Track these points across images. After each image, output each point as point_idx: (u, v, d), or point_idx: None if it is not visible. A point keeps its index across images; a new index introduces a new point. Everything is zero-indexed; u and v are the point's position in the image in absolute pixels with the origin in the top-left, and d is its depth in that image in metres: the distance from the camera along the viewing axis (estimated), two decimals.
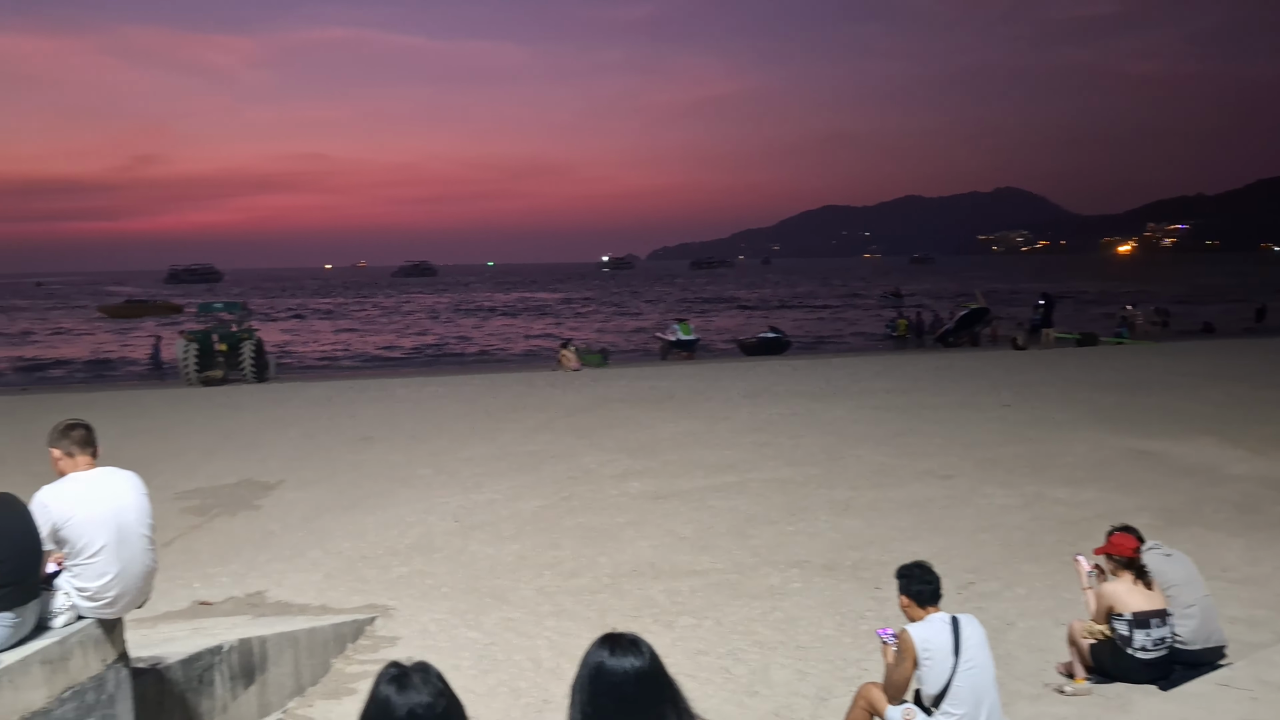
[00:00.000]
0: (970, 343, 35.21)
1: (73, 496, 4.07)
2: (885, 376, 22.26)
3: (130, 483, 4.30)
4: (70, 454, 4.22)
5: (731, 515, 10.42)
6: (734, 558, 9.04)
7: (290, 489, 12.31)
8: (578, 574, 8.70)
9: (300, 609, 7.90)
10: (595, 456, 13.54)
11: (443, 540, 9.84)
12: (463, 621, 7.58)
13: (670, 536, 9.75)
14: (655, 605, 7.84)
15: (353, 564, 9.18)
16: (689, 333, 34.22)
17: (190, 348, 28.25)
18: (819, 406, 17.40)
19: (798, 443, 14.14)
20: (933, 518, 10.13)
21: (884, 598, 7.73)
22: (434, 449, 14.48)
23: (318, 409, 19.22)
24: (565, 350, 27.52)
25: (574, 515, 10.61)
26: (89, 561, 4.04)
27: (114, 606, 4.13)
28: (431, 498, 11.55)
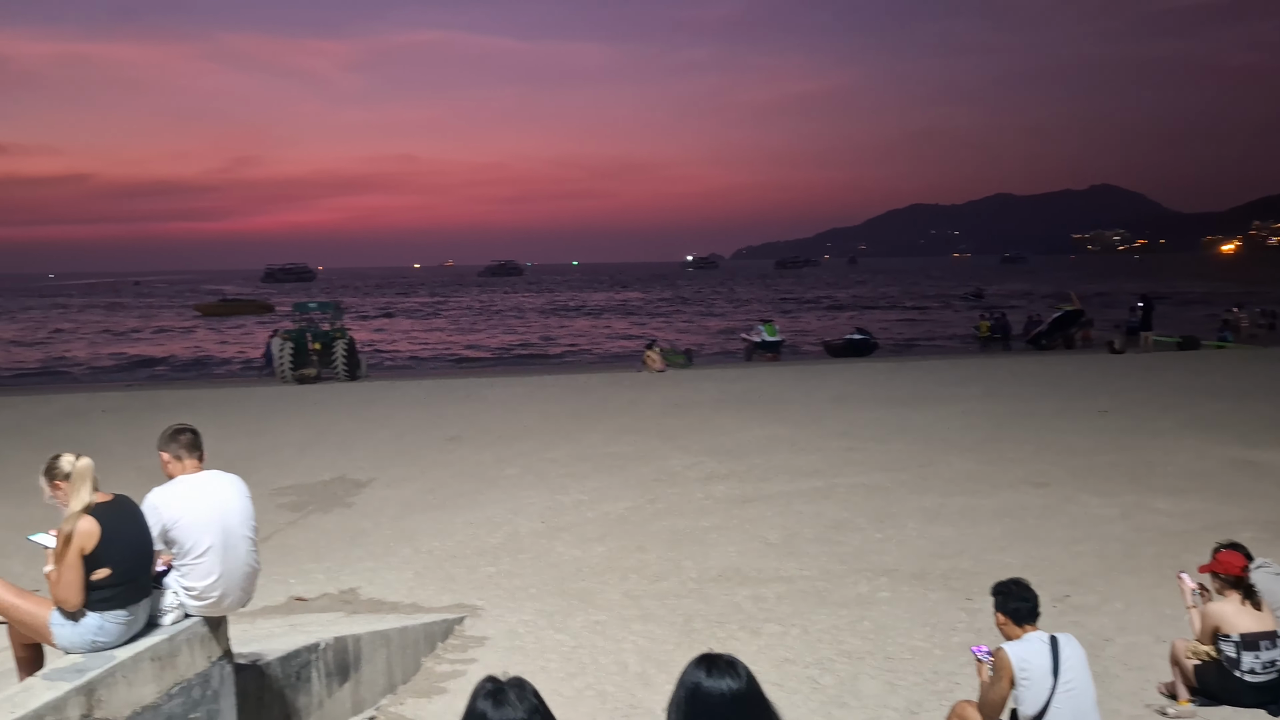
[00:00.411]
0: (1064, 346, 34.33)
1: (182, 499, 4.21)
2: (975, 381, 21.84)
3: (235, 486, 4.44)
4: (179, 457, 4.37)
5: (818, 521, 10.33)
6: (821, 564, 8.95)
7: (381, 487, 12.56)
8: (663, 578, 8.71)
9: (392, 607, 8.04)
10: (681, 459, 13.53)
11: (529, 541, 9.94)
12: (550, 623, 7.64)
13: (756, 541, 9.69)
14: (741, 611, 7.80)
15: (441, 563, 9.33)
16: (774, 334, 34.01)
17: (285, 346, 29.02)
18: (907, 411, 17.14)
19: (886, 448, 13.95)
20: (1026, 527, 9.90)
21: (976, 609, 7.58)
22: (521, 449, 14.63)
23: (408, 408, 19.58)
24: (650, 351, 27.58)
25: (660, 518, 10.62)
26: (196, 562, 4.19)
27: (219, 606, 4.27)
28: (518, 498, 11.67)
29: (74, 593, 3.79)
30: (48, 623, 3.85)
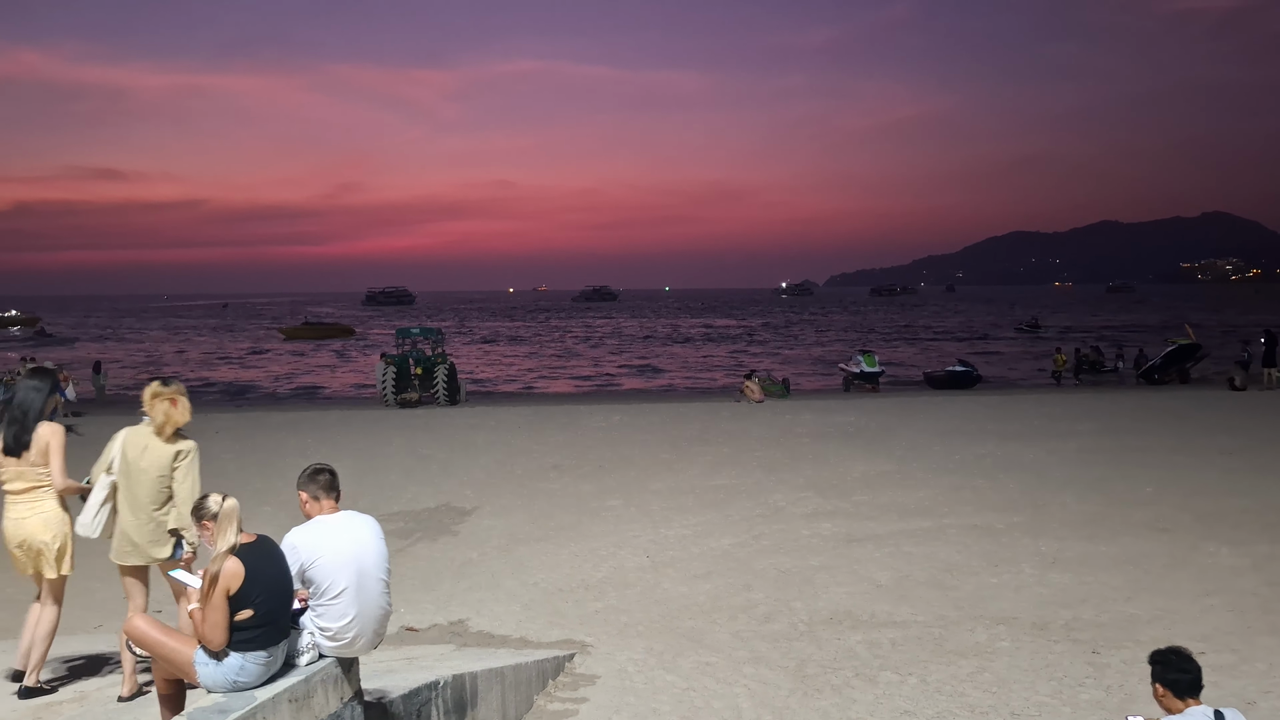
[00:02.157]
0: (1179, 381, 33.06)
1: (320, 539, 4.26)
2: (1087, 416, 21.14)
3: (370, 527, 4.48)
4: (316, 497, 4.43)
5: (929, 563, 10.05)
6: (935, 610, 8.69)
7: (485, 515, 12.65)
8: (773, 619, 8.56)
9: (501, 640, 8.06)
10: (784, 494, 13.35)
11: (635, 576, 9.88)
12: (659, 663, 7.55)
13: (866, 583, 9.47)
14: (855, 657, 7.60)
15: (549, 596, 9.32)
16: (873, 365, 33.46)
17: (388, 370, 29.62)
18: (1016, 447, 16.66)
19: (996, 486, 13.56)
20: (1151, 576, 9.47)
21: (1104, 664, 7.27)
22: (622, 480, 14.62)
23: (509, 434, 19.76)
24: (749, 381, 27.38)
25: (766, 555, 10.47)
26: (332, 602, 4.23)
27: (353, 647, 4.31)
28: (622, 531, 11.64)
29: (219, 633, 3.86)
30: (192, 661, 3.93)
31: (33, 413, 5.46)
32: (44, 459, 5.41)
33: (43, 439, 5.41)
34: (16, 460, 5.40)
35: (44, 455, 5.41)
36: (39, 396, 5.50)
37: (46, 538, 5.41)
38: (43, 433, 5.42)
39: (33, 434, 5.41)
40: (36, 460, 5.40)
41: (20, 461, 5.39)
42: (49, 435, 5.42)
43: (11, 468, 5.41)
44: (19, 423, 5.42)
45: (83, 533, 5.47)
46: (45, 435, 5.41)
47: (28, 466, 5.39)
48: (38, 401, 5.49)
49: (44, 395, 5.52)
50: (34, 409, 5.47)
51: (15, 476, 5.41)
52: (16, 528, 5.43)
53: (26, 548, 5.44)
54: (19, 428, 5.41)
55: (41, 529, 5.39)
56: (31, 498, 5.41)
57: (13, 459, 5.40)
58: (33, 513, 5.39)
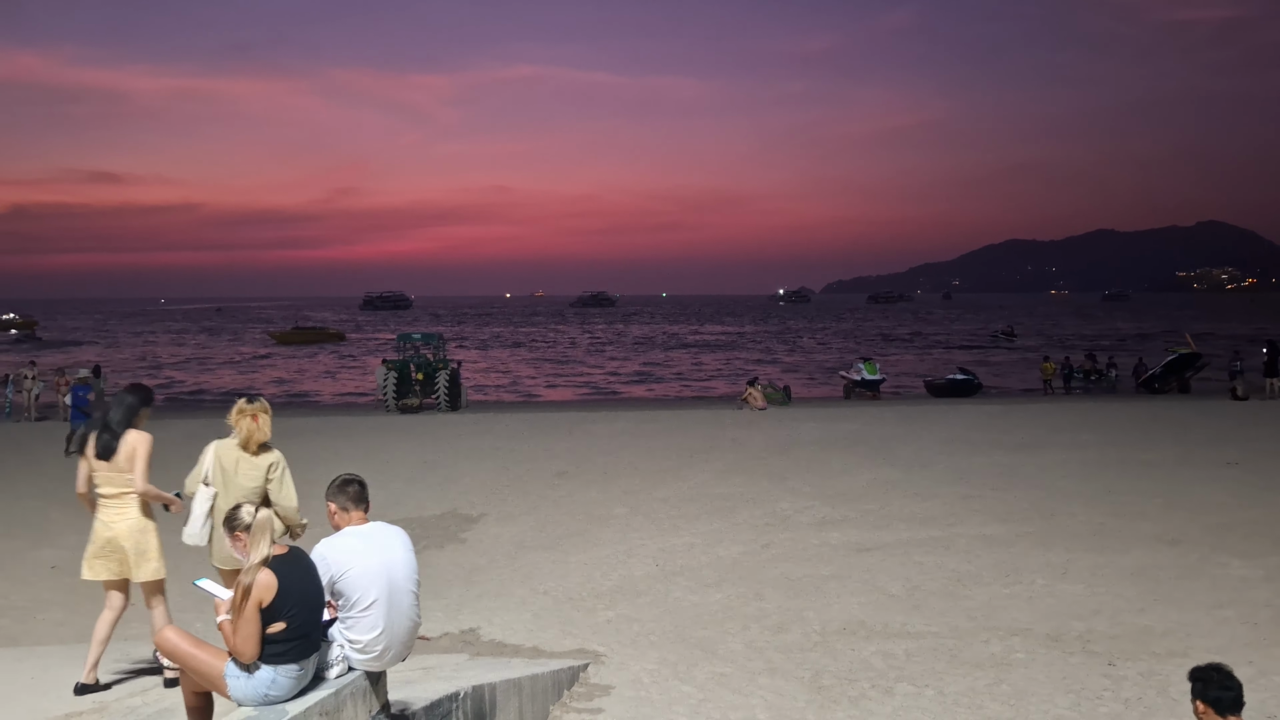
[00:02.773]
0: (1179, 390, 33.08)
1: (349, 550, 4.22)
2: (1090, 427, 21.11)
3: (400, 538, 4.45)
4: (345, 509, 4.39)
5: (940, 573, 10.02)
6: (948, 620, 8.66)
7: (492, 523, 12.61)
8: (785, 629, 8.52)
9: (514, 650, 8.02)
10: (791, 502, 13.32)
11: (645, 584, 9.84)
12: (673, 673, 7.51)
13: (878, 593, 9.44)
14: (871, 669, 7.56)
15: (559, 604, 9.28)
16: (874, 372, 33.44)
17: (389, 375, 29.55)
18: (1022, 458, 16.63)
19: (1004, 496, 13.53)
20: (1163, 588, 9.44)
21: (1120, 676, 7.24)
22: (628, 487, 14.57)
23: (512, 441, 19.71)
24: (752, 388, 27.33)
25: (775, 564, 10.43)
26: (362, 615, 4.19)
27: (381, 660, 4.27)
28: (630, 539, 11.60)
29: (251, 645, 3.81)
30: (222, 674, 3.88)
31: (123, 421, 5.78)
32: (131, 465, 5.71)
33: (130, 445, 5.71)
34: (106, 464, 5.72)
35: (131, 461, 5.70)
36: (131, 407, 5.84)
37: (130, 542, 5.67)
38: (130, 439, 5.73)
39: (121, 440, 5.72)
40: (124, 466, 5.70)
41: (110, 466, 5.71)
42: (136, 442, 5.73)
43: (103, 472, 5.73)
44: (110, 430, 5.75)
45: (190, 541, 5.83)
46: (133, 442, 5.73)
47: (116, 472, 5.70)
48: (129, 411, 5.82)
49: (136, 407, 5.85)
50: (124, 417, 5.79)
51: (105, 481, 5.73)
52: (105, 530, 5.74)
53: (112, 550, 5.73)
54: (110, 435, 5.73)
55: (126, 533, 5.67)
56: (120, 503, 5.70)
57: (103, 463, 5.72)
58: (120, 518, 5.67)
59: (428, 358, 31.15)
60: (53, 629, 8.87)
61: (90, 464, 5.75)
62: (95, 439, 5.74)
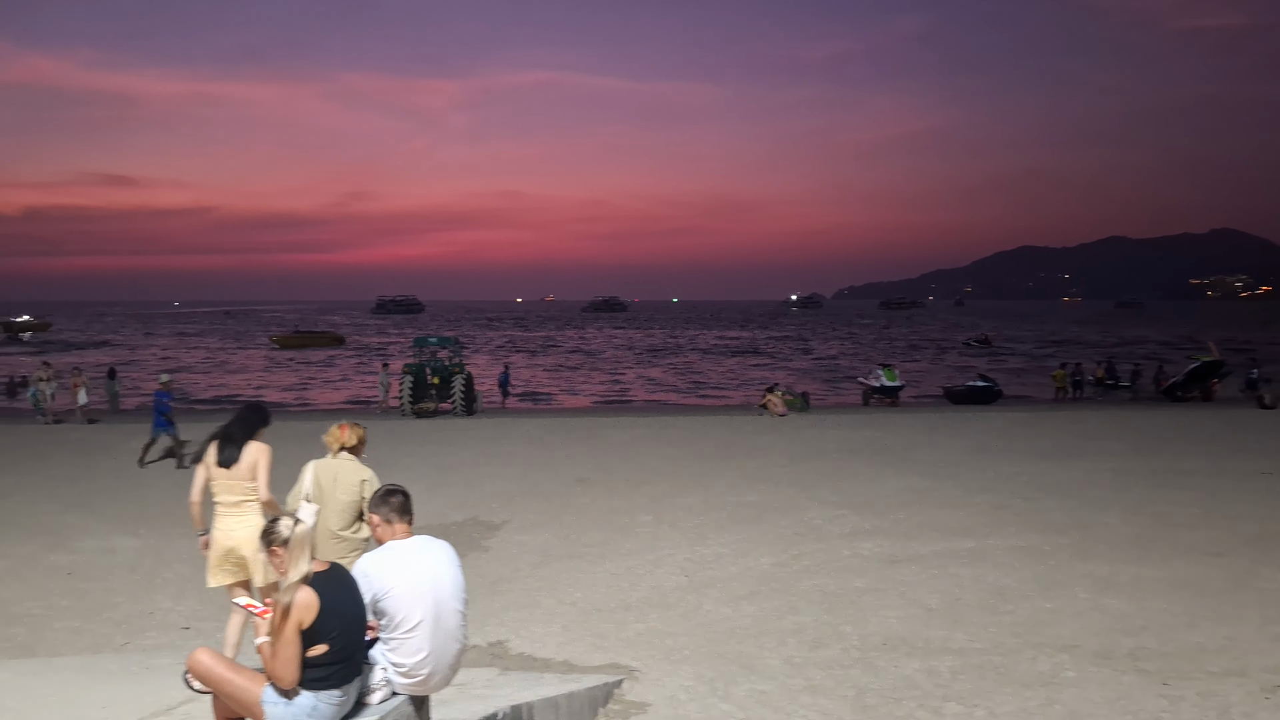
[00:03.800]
0: (1201, 398, 32.66)
1: (393, 567, 3.97)
2: (1117, 436, 20.80)
3: (447, 554, 4.19)
4: (389, 521, 4.15)
5: (978, 586, 9.72)
6: (991, 636, 8.36)
7: (515, 531, 12.36)
8: (823, 644, 8.23)
9: (544, 664, 7.76)
10: (819, 511, 13.04)
11: (675, 596, 9.57)
12: (711, 690, 7.23)
13: (915, 607, 9.15)
14: (916, 687, 7.27)
15: (587, 616, 9.02)
16: (894, 379, 33.10)
17: (405, 380, 29.34)
18: (1051, 467, 16.32)
19: (1036, 506, 13.23)
20: (1210, 603, 9.13)
21: (1177, 696, 6.93)
22: (651, 494, 14.32)
23: (531, 447, 19.47)
24: (771, 394, 27.05)
25: (808, 576, 10.15)
26: (406, 636, 3.92)
27: (427, 684, 4.01)
28: (657, 548, 11.33)
29: (291, 669, 3.55)
30: (259, 700, 3.62)
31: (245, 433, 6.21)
32: (252, 475, 6.11)
33: (251, 456, 6.14)
34: (227, 472, 6.06)
35: (252, 471, 6.11)
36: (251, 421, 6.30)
37: (250, 549, 5.90)
38: (252, 450, 6.16)
39: (243, 451, 6.12)
40: (245, 476, 6.09)
41: (230, 475, 6.06)
42: (258, 453, 6.18)
43: (223, 480, 6.07)
44: (233, 441, 6.15)
45: None
46: (254, 453, 6.16)
47: (237, 481, 6.05)
48: (250, 424, 6.28)
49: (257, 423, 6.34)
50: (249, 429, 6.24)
51: (225, 490, 6.07)
52: (225, 538, 6.03)
53: (233, 556, 6.03)
54: (233, 446, 6.13)
55: (246, 540, 5.91)
56: (240, 510, 5.97)
57: (224, 471, 6.07)
58: (241, 525, 5.95)
59: (443, 362, 30.94)
60: (69, 638, 8.64)
61: (210, 473, 6.09)
62: (218, 449, 6.10)
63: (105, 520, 13.15)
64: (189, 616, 9.35)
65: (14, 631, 8.74)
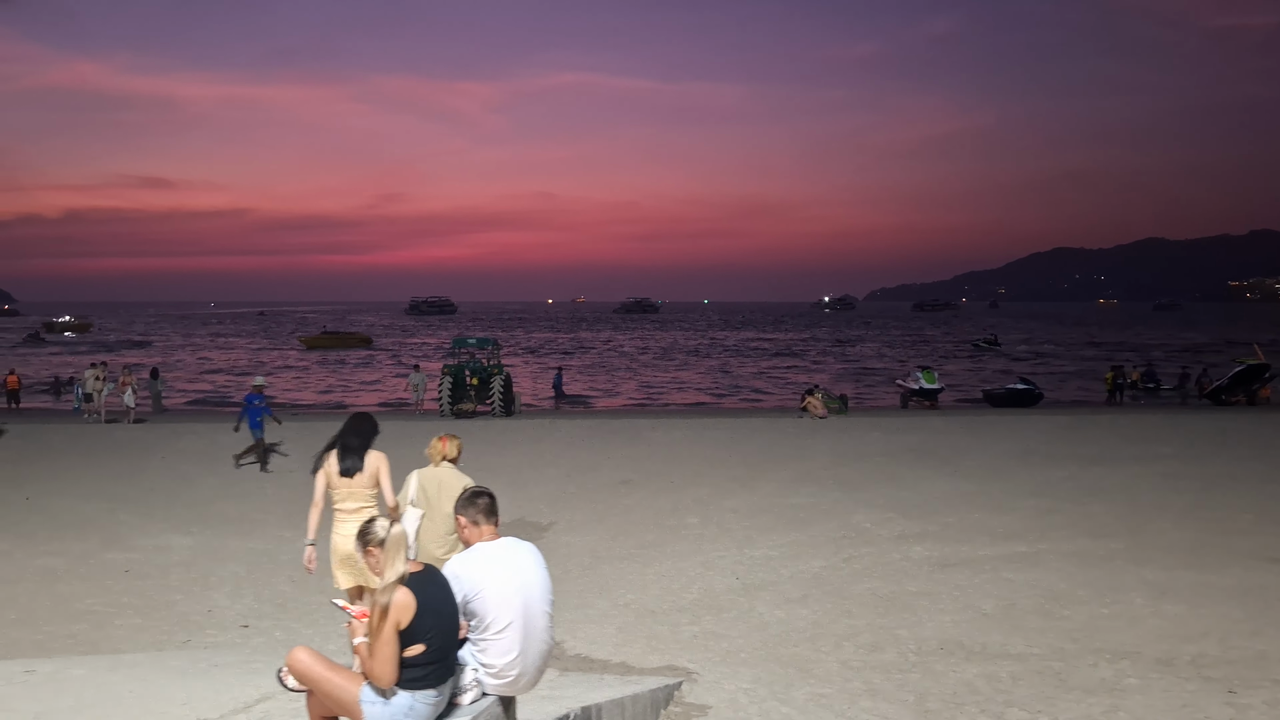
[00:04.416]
0: (1246, 402, 32.20)
1: (482, 568, 4.00)
2: (1163, 439, 20.57)
3: (534, 555, 4.22)
4: (476, 522, 4.18)
5: (1033, 591, 9.65)
6: (1049, 641, 8.30)
7: (563, 532, 12.40)
8: (880, 648, 8.20)
9: (602, 665, 7.79)
10: (867, 514, 12.99)
11: (727, 599, 9.57)
12: (770, 693, 7.22)
13: (970, 611, 9.09)
14: (977, 692, 7.23)
15: (641, 618, 9.04)
16: (933, 381, 32.83)
17: (445, 380, 29.44)
18: (1099, 471, 16.16)
19: (1086, 511, 13.11)
20: (1273, 610, 9.00)
21: (1245, 705, 6.84)
22: (697, 496, 14.32)
23: (573, 448, 19.52)
24: (812, 396, 26.95)
25: (860, 580, 10.12)
26: (496, 637, 3.95)
27: (516, 685, 4.03)
28: (706, 550, 11.34)
29: (389, 669, 3.59)
30: (357, 699, 3.65)
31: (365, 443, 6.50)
32: (373, 483, 6.44)
33: (372, 465, 6.46)
34: (349, 481, 6.36)
35: (373, 479, 6.43)
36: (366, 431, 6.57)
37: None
38: (372, 459, 6.47)
39: (364, 460, 6.42)
40: (367, 484, 6.41)
41: (352, 483, 6.36)
42: (378, 462, 6.49)
43: (344, 488, 6.36)
44: (354, 451, 6.43)
45: None
46: (375, 462, 6.47)
47: (359, 488, 6.36)
48: (366, 434, 6.55)
49: (372, 433, 6.61)
50: (365, 439, 6.53)
51: (346, 496, 6.35)
52: (345, 543, 6.25)
53: (354, 561, 6.19)
54: (354, 456, 6.42)
55: None
56: (360, 516, 6.12)
57: (346, 480, 6.36)
58: None
59: (482, 363, 31.05)
60: (131, 634, 8.77)
61: (330, 481, 6.39)
62: (339, 459, 6.38)
63: (157, 519, 13.33)
64: (246, 614, 9.46)
65: (77, 628, 8.88)
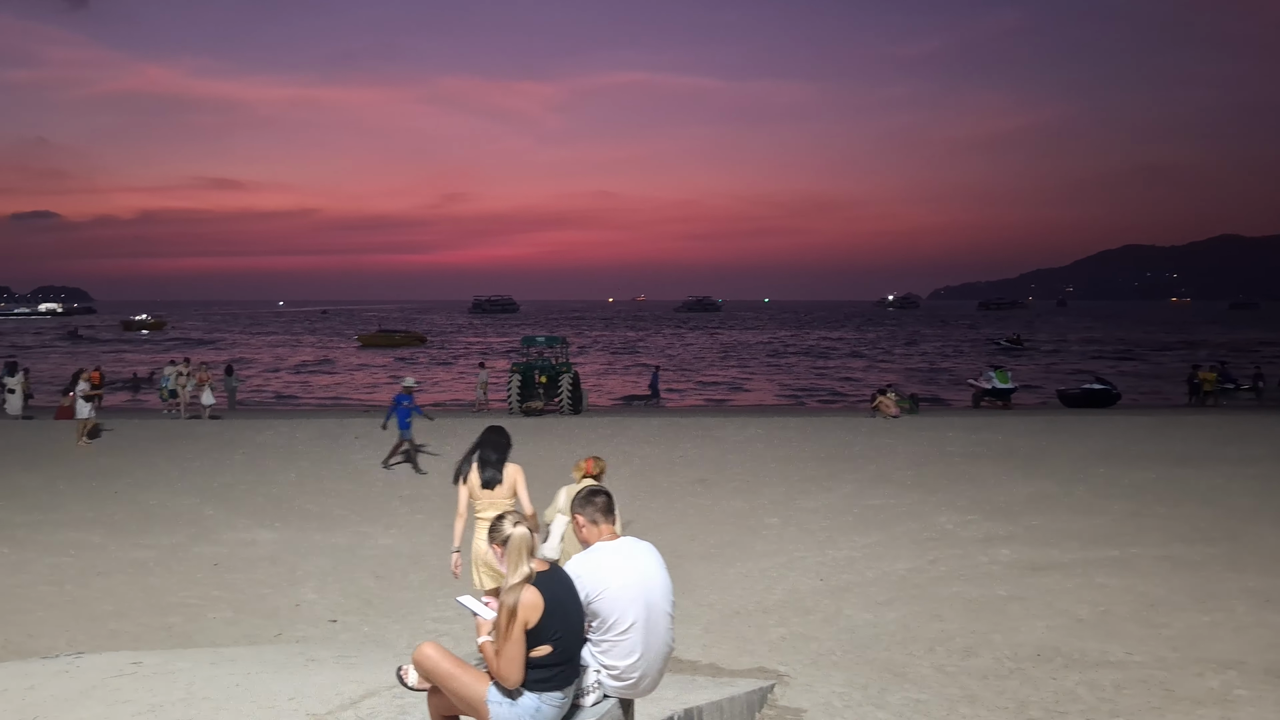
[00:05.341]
0: None
1: (606, 568, 3.95)
2: (1255, 441, 19.90)
3: (654, 556, 4.16)
4: (595, 521, 4.14)
5: (1128, 596, 9.38)
6: (1150, 649, 8.05)
7: (640, 531, 12.32)
8: (974, 653, 8.03)
9: (692, 666, 7.72)
10: (949, 516, 12.76)
11: (812, 600, 9.45)
12: (865, 697, 7.10)
13: (1064, 617, 8.86)
14: (1079, 700, 7.03)
15: (727, 619, 8.96)
16: (1006, 381, 32.18)
17: (513, 379, 29.60)
18: (1188, 473, 15.69)
19: (1178, 514, 12.73)
20: None
21: None
22: (773, 496, 14.19)
23: (644, 446, 19.47)
24: (884, 396, 26.61)
25: (947, 583, 9.93)
26: (619, 639, 3.89)
27: (637, 687, 3.97)
28: (787, 551, 11.22)
29: (516, 669, 3.55)
30: (484, 699, 3.63)
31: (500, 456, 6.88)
32: (511, 493, 6.85)
33: (511, 476, 6.87)
34: (490, 493, 6.78)
35: (512, 490, 6.85)
36: (503, 445, 6.94)
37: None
38: (510, 471, 6.89)
39: (504, 472, 6.84)
40: (506, 494, 6.82)
41: (493, 494, 6.79)
42: (515, 474, 6.92)
43: (486, 499, 6.78)
44: (492, 464, 6.84)
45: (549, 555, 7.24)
46: (513, 473, 6.90)
47: (499, 499, 6.76)
48: (503, 448, 6.93)
49: (508, 445, 6.99)
50: (503, 452, 6.91)
51: (488, 506, 6.72)
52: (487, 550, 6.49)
53: (494, 566, 6.42)
54: (494, 468, 6.83)
55: None
56: None
57: (488, 492, 6.79)
58: None
59: (551, 361, 31.16)
60: (223, 627, 8.91)
61: (472, 492, 6.81)
62: (480, 471, 6.79)
63: (242, 514, 13.54)
64: (333, 609, 9.56)
65: (172, 620, 9.04)
